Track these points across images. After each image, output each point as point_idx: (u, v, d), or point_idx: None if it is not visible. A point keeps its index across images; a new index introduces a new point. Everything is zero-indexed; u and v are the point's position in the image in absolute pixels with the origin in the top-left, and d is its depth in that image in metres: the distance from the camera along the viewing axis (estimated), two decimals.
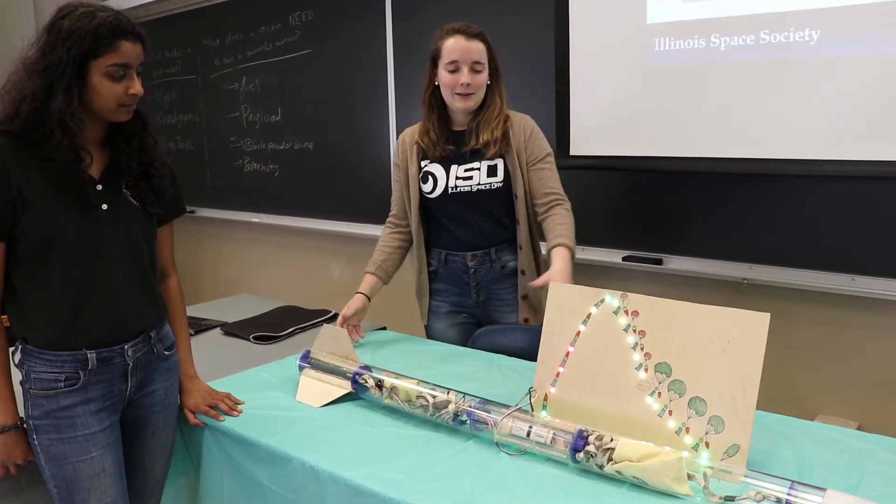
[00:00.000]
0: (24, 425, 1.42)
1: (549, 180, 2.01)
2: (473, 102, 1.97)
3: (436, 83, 2.00)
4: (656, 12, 2.29)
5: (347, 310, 2.04)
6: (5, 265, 1.38)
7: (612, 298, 1.41)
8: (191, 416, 1.60)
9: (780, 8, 2.07)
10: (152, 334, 1.52)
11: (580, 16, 2.45)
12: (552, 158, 2.04)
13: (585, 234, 2.54)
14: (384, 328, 2.28)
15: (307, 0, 3.43)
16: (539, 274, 2.07)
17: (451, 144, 2.03)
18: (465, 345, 2.07)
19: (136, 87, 1.38)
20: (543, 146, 2.03)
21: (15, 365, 1.42)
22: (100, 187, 1.41)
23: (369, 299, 2.09)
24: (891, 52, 1.93)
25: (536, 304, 2.06)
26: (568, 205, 2.01)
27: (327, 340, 1.74)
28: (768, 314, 1.25)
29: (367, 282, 2.11)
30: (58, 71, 1.30)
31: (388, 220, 2.21)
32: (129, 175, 1.46)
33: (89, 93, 1.34)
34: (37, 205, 1.34)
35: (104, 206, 1.41)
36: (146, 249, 1.50)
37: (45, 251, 1.36)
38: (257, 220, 3.96)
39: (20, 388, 1.42)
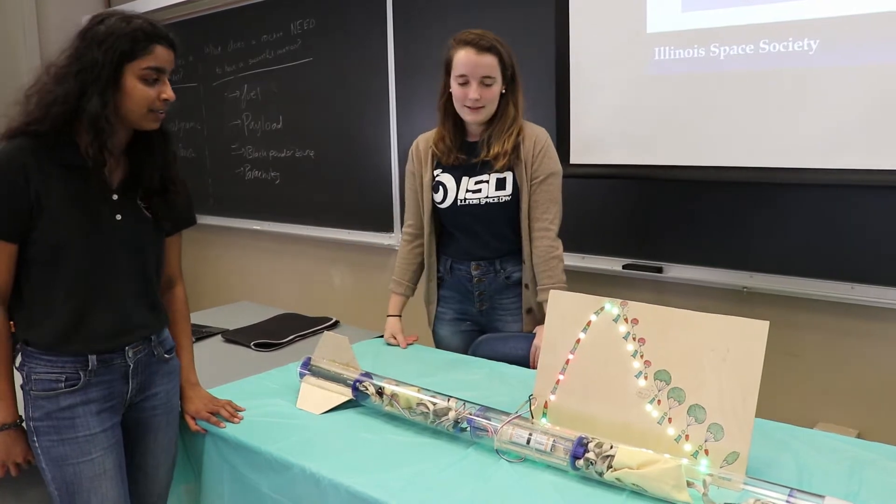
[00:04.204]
0: (24, 426, 1.42)
1: (546, 204, 1.97)
2: (483, 116, 1.95)
3: (450, 90, 1.97)
4: (656, 22, 2.30)
5: (387, 335, 2.16)
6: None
7: (611, 306, 1.41)
8: (192, 423, 1.60)
9: (779, 17, 2.08)
10: (152, 338, 1.53)
11: (580, 24, 2.46)
12: (557, 180, 2.00)
13: (586, 243, 2.56)
14: None
15: (309, 8, 3.44)
16: None
17: (464, 154, 2.02)
18: (467, 352, 2.07)
19: (168, 91, 1.40)
20: (549, 165, 1.98)
21: (16, 368, 1.43)
22: (116, 197, 1.42)
23: (400, 317, 2.19)
24: (890, 62, 1.94)
25: (541, 318, 2.04)
26: (559, 248, 1.98)
27: (328, 348, 1.74)
28: (767, 322, 1.25)
29: (394, 302, 2.20)
30: (93, 73, 1.31)
31: (404, 231, 2.21)
32: (149, 188, 1.47)
33: (122, 96, 1.35)
34: (52, 211, 1.35)
35: (118, 217, 1.43)
36: (154, 260, 1.51)
37: (54, 257, 1.37)
38: (258, 227, 3.96)
39: (20, 390, 1.43)
